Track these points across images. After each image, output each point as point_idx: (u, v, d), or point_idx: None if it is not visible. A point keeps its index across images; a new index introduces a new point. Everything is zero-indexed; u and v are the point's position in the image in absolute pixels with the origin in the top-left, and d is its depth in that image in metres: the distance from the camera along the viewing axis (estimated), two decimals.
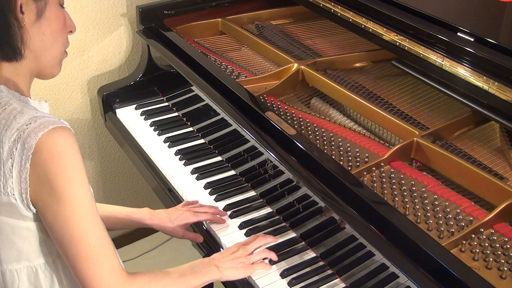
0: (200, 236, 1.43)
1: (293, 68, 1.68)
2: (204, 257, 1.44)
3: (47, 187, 1.00)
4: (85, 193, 1.02)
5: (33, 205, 1.03)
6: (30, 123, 1.00)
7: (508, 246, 1.15)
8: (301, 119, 1.54)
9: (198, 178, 1.58)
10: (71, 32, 1.17)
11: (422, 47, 1.42)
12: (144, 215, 1.41)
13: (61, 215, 1.00)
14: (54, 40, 1.11)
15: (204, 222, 1.44)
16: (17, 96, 1.08)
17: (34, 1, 1.06)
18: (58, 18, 1.11)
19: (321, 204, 1.29)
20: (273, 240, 1.33)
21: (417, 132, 1.40)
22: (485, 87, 1.29)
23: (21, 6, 1.03)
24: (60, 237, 1.01)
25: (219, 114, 1.62)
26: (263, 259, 1.30)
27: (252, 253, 1.28)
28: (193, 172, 1.61)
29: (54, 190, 0.99)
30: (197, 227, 1.46)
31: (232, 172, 1.60)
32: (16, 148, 0.99)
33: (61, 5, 1.13)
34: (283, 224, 1.42)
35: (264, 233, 1.38)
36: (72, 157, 1.01)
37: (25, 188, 1.01)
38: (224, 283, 1.32)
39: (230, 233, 1.41)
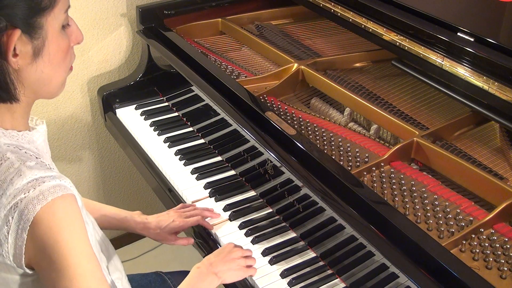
0: (190, 239, 1.44)
1: (293, 68, 1.68)
2: (204, 257, 1.45)
3: (45, 258, 0.95)
4: (85, 260, 0.97)
5: (29, 266, 0.98)
6: (29, 191, 0.93)
7: (508, 246, 1.15)
8: (301, 119, 1.54)
9: (198, 178, 1.58)
10: (78, 43, 1.06)
11: (422, 47, 1.42)
12: (137, 224, 1.41)
13: (60, 283, 0.95)
14: (55, 73, 1.02)
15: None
16: (14, 140, 1.00)
17: (30, 41, 0.95)
18: (60, 49, 1.01)
19: (321, 204, 1.29)
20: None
21: (417, 132, 1.40)
22: (485, 87, 1.29)
23: (14, 48, 0.94)
24: None
25: (219, 114, 1.62)
26: None
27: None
28: (193, 172, 1.61)
29: (53, 262, 0.94)
30: (197, 227, 1.46)
31: (232, 172, 1.60)
32: (12, 217, 0.93)
33: (65, 25, 1.01)
34: (283, 224, 1.42)
35: (264, 233, 1.38)
36: (71, 227, 0.96)
37: (20, 254, 0.95)
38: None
39: (230, 233, 1.41)
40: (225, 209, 1.47)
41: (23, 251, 0.95)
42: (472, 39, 1.35)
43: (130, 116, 1.88)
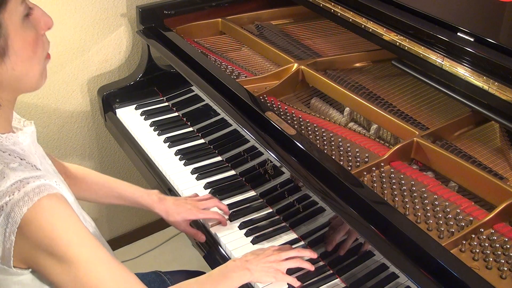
0: (201, 234, 1.42)
1: (293, 68, 1.68)
2: (204, 256, 1.45)
3: (43, 254, 0.94)
4: (87, 247, 0.96)
5: (25, 265, 0.97)
6: (14, 193, 0.91)
7: (508, 246, 1.15)
8: (301, 119, 1.54)
9: (198, 178, 1.58)
10: (48, 29, 1.00)
11: (422, 47, 1.42)
12: (154, 201, 1.41)
13: (67, 275, 0.94)
14: (28, 67, 0.97)
15: (204, 222, 1.44)
16: None
17: None
18: (27, 43, 0.95)
19: (321, 204, 1.29)
20: (311, 255, 1.29)
21: (417, 132, 1.40)
22: (485, 87, 1.29)
23: None
24: None
25: (219, 114, 1.62)
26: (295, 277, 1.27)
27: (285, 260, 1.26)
28: (193, 172, 1.61)
29: (52, 255, 0.93)
30: (196, 225, 1.46)
31: (232, 172, 1.60)
32: None
33: (27, 15, 0.96)
34: (283, 224, 1.42)
35: (264, 233, 1.38)
36: (64, 222, 0.94)
37: (9, 256, 0.94)
38: None
39: (230, 233, 1.41)
40: None
41: (11, 253, 0.93)
42: (472, 39, 1.35)
43: (130, 116, 1.88)
